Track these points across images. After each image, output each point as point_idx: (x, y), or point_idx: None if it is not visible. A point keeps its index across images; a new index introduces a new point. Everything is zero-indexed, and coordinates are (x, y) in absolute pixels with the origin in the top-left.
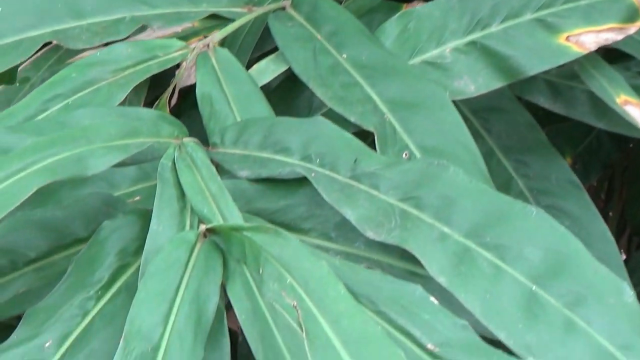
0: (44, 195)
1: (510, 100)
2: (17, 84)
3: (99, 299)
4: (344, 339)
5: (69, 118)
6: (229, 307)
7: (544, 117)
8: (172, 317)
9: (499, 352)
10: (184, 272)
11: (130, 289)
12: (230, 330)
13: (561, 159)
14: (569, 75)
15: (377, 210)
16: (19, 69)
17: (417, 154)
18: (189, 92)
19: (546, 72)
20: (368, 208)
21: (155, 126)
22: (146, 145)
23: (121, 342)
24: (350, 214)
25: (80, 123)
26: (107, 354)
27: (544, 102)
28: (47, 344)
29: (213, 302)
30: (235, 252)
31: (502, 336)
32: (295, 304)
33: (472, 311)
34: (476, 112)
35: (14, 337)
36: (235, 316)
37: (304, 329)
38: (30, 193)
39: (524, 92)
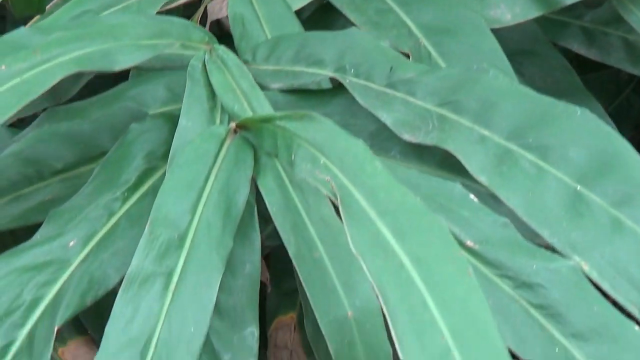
0: (72, 112)
1: (544, 45)
2: None
3: (125, 200)
4: (380, 211)
5: (96, 21)
6: None
7: (576, 68)
8: (201, 206)
9: (542, 250)
10: (213, 164)
11: (157, 192)
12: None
13: (596, 102)
14: (603, 21)
15: (414, 115)
16: (50, 4)
17: None
18: (219, 38)
19: (581, 18)
20: (404, 113)
21: (185, 30)
22: (175, 47)
23: (147, 228)
24: (385, 117)
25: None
26: (132, 253)
27: (579, 47)
28: (71, 243)
29: (243, 194)
30: (266, 145)
31: (545, 234)
32: (328, 178)
33: (514, 209)
34: (510, 55)
35: (37, 236)
36: (265, 268)
37: (338, 198)
38: (55, 82)
39: (558, 37)
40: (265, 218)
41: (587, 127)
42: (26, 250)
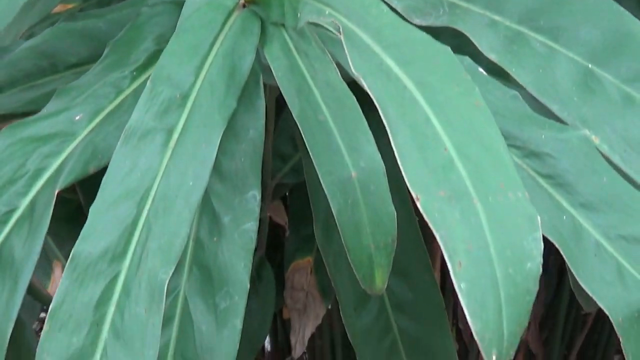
0: (89, 15)
1: None
2: None
3: (134, 79)
4: (385, 45)
5: None
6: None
7: None
8: (205, 69)
9: (551, 121)
10: (219, 31)
11: None
12: (276, 224)
13: None
14: None
15: (425, 3)
16: None
17: None
18: None
19: None
20: (415, 1)
21: None
22: None
23: (148, 84)
24: (396, 4)
25: None
26: None
27: None
28: (77, 117)
29: (248, 60)
30: (273, 15)
31: (555, 108)
32: (333, 20)
33: (524, 85)
34: None
35: (43, 111)
36: (280, 210)
37: (341, 33)
38: None
39: None
40: (282, 157)
41: (599, 8)
42: (32, 123)
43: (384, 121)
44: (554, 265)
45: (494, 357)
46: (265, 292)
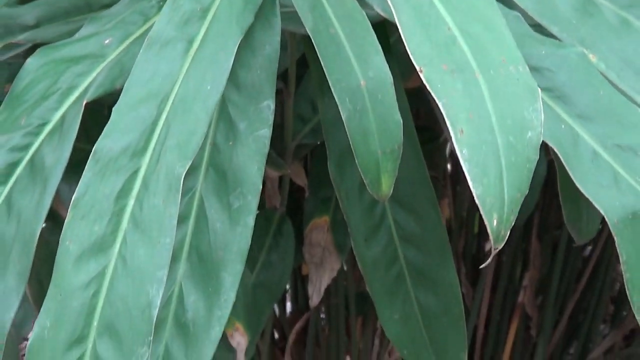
0: None
1: None
2: None
3: (160, 8)
4: None
5: None
6: None
7: None
8: None
9: (551, 39)
10: None
11: None
12: (297, 187)
13: None
14: None
15: None
16: None
17: None
18: None
19: None
20: None
21: None
22: None
23: None
24: None
25: None
26: None
27: None
28: (107, 41)
29: None
30: None
31: (554, 30)
32: None
33: (525, 9)
34: None
35: (76, 36)
36: (300, 172)
37: None
38: None
39: None
40: (302, 119)
41: None
42: (64, 45)
43: (390, 4)
44: (550, 239)
45: (494, 222)
46: (285, 246)
